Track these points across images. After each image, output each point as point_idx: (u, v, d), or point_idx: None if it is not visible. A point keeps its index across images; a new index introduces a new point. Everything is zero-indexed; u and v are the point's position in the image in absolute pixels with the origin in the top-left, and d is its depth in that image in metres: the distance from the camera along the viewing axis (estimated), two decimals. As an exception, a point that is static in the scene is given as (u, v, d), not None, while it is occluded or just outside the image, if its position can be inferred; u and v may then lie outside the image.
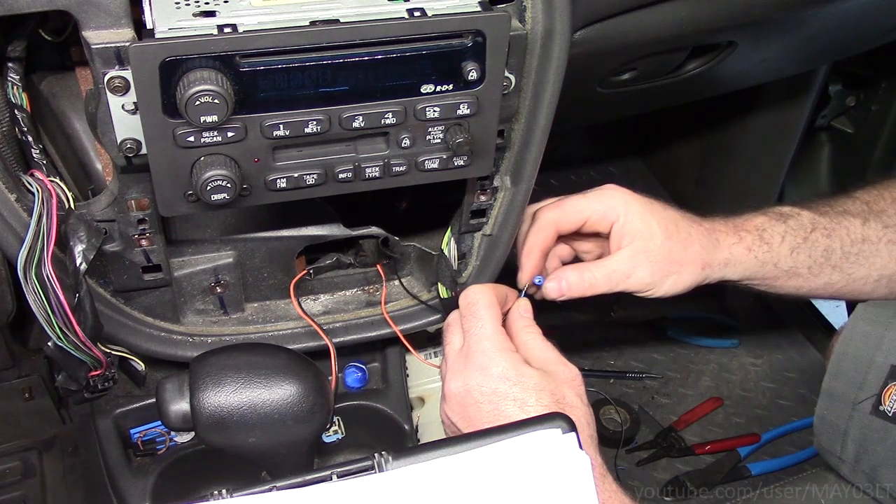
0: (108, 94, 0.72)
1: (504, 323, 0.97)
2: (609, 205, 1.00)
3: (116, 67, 0.71)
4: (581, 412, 0.88)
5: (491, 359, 0.89)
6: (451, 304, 1.02)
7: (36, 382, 1.37)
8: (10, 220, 0.80)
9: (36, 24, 0.77)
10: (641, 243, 0.98)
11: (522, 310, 0.99)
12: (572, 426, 0.63)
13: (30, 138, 0.84)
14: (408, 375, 1.22)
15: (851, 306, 1.06)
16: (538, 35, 0.84)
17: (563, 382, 0.90)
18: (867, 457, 0.94)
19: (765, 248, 1.03)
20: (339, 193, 0.84)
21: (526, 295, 1.02)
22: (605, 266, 0.99)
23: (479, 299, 0.94)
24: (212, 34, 0.70)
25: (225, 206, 0.78)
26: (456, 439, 0.62)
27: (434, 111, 0.80)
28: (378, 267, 1.07)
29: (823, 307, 1.91)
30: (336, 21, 0.73)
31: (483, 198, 0.98)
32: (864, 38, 1.45)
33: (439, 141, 0.82)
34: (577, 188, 1.07)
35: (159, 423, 0.97)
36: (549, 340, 0.96)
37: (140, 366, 1.00)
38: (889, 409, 0.91)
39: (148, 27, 0.71)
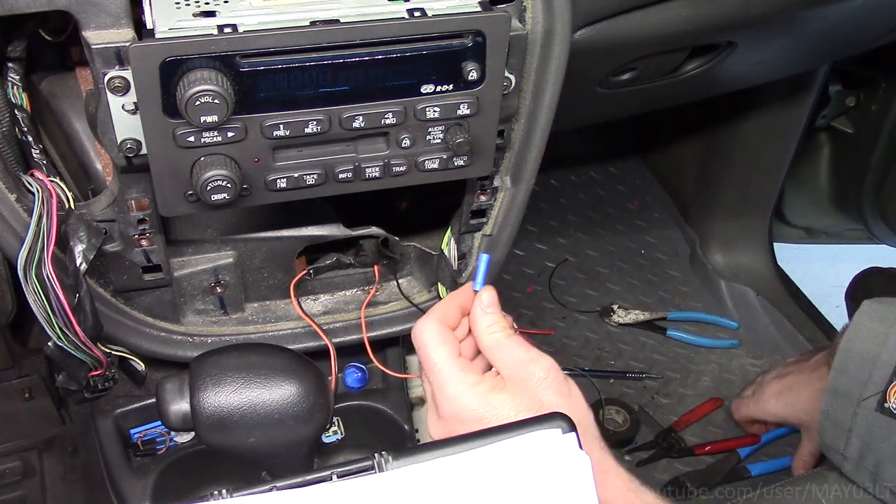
0: (108, 94, 0.72)
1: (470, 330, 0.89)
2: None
3: (116, 67, 0.71)
4: (565, 406, 0.83)
5: (458, 403, 0.84)
6: (450, 305, 1.01)
7: (36, 382, 1.37)
8: (10, 220, 0.80)
9: (36, 24, 0.78)
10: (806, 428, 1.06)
11: (485, 304, 0.87)
12: (572, 426, 0.63)
13: (30, 138, 0.84)
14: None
15: (852, 307, 1.06)
16: (538, 35, 0.84)
17: (537, 387, 0.84)
18: (871, 454, 0.93)
19: None
20: (339, 193, 0.84)
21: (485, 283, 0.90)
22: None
23: (426, 341, 0.85)
24: (212, 34, 0.70)
25: (225, 206, 0.78)
26: (456, 439, 0.62)
27: (434, 111, 0.80)
28: (375, 267, 1.07)
29: (823, 307, 1.91)
30: (336, 21, 0.73)
31: (483, 198, 0.98)
32: (864, 38, 1.45)
33: (439, 141, 0.82)
34: (577, 188, 1.07)
35: (159, 423, 0.97)
36: (517, 334, 0.88)
37: (140, 366, 1.00)
38: (894, 406, 0.91)
39: (148, 27, 0.71)
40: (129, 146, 0.76)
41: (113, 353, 0.94)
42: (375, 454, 0.60)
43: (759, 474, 1.57)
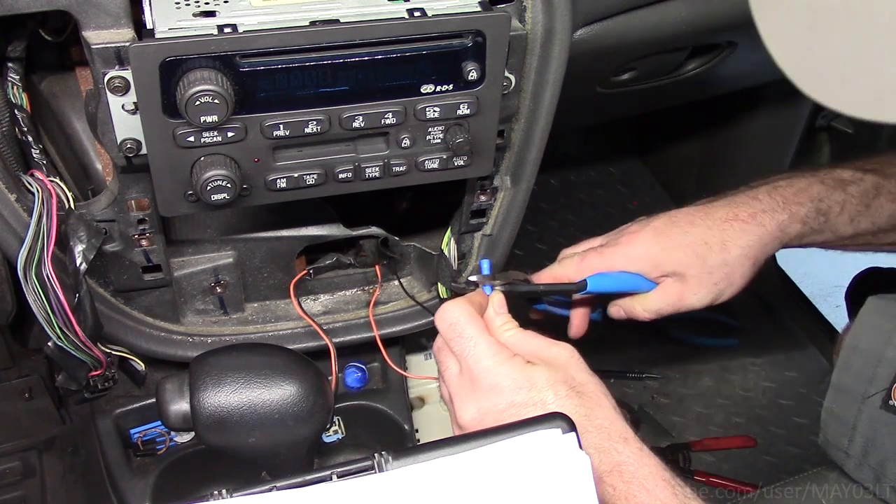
0: (108, 94, 0.72)
1: None
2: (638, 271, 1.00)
3: (116, 67, 0.71)
4: (595, 384, 0.87)
5: (497, 374, 0.85)
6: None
7: (36, 382, 1.37)
8: (10, 220, 0.80)
9: (36, 24, 0.77)
10: (674, 278, 1.00)
11: (497, 306, 0.92)
12: (572, 426, 0.63)
13: (30, 138, 0.84)
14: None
15: (852, 307, 1.06)
16: (538, 35, 0.84)
17: (567, 364, 0.87)
18: (875, 451, 0.93)
19: (821, 220, 1.01)
20: (339, 193, 0.84)
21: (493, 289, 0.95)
22: (651, 302, 1.01)
23: (458, 317, 0.87)
24: (212, 34, 0.70)
25: (225, 206, 0.78)
26: (456, 439, 0.62)
27: (434, 111, 0.80)
28: (377, 267, 1.07)
29: (823, 307, 1.91)
30: (336, 21, 0.73)
31: (483, 198, 0.98)
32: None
33: (439, 141, 0.82)
34: (576, 188, 1.06)
35: (159, 423, 0.97)
36: (529, 328, 0.92)
37: (140, 366, 1.00)
38: None
39: (148, 27, 0.71)
40: (129, 146, 0.76)
41: (113, 353, 0.94)
42: (375, 454, 0.60)
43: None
